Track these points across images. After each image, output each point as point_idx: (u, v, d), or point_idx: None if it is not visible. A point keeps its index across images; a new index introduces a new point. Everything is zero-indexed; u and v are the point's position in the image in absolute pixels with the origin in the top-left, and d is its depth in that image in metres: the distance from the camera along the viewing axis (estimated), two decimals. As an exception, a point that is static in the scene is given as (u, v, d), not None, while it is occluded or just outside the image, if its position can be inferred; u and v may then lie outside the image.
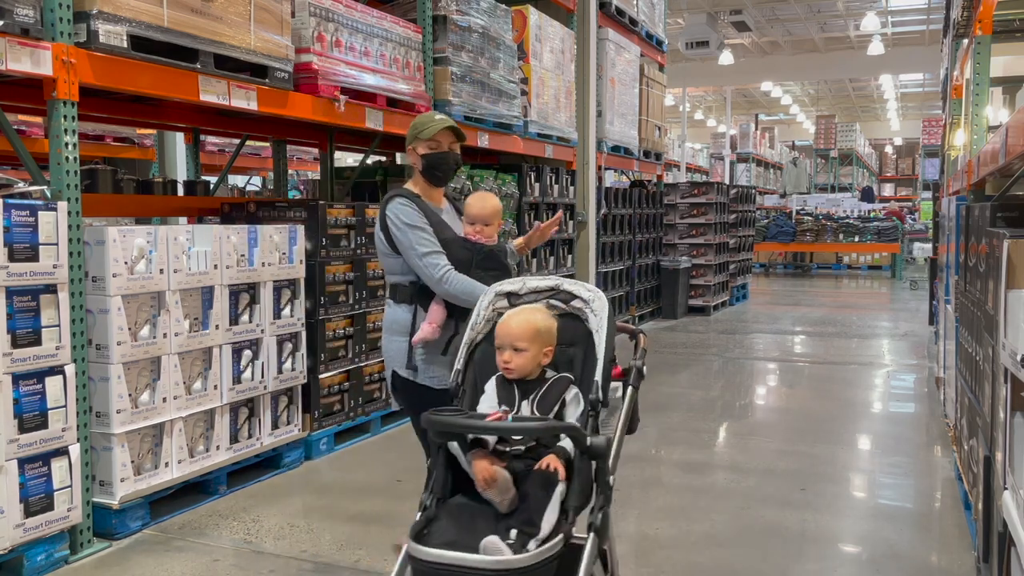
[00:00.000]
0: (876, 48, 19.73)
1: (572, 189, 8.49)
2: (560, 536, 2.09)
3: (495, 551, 2.00)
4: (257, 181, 13.56)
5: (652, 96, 10.90)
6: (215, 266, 4.30)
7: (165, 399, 4.03)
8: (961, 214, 4.28)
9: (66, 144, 3.53)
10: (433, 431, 2.24)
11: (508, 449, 2.28)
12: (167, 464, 4.06)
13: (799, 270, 20.39)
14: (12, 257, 3.31)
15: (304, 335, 4.94)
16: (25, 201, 3.41)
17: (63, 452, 3.52)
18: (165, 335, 4.02)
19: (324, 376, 5.13)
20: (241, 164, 11.18)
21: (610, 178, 12.83)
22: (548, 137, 7.80)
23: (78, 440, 3.59)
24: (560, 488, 2.17)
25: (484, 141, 6.57)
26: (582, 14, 8.60)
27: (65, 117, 3.52)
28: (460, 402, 2.49)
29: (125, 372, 3.82)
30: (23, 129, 7.85)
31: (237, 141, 7.87)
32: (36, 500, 3.42)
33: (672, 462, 5.08)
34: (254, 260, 4.55)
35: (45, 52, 3.41)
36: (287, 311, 4.82)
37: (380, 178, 7.04)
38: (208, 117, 6.07)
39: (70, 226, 3.55)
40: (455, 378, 2.52)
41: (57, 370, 3.48)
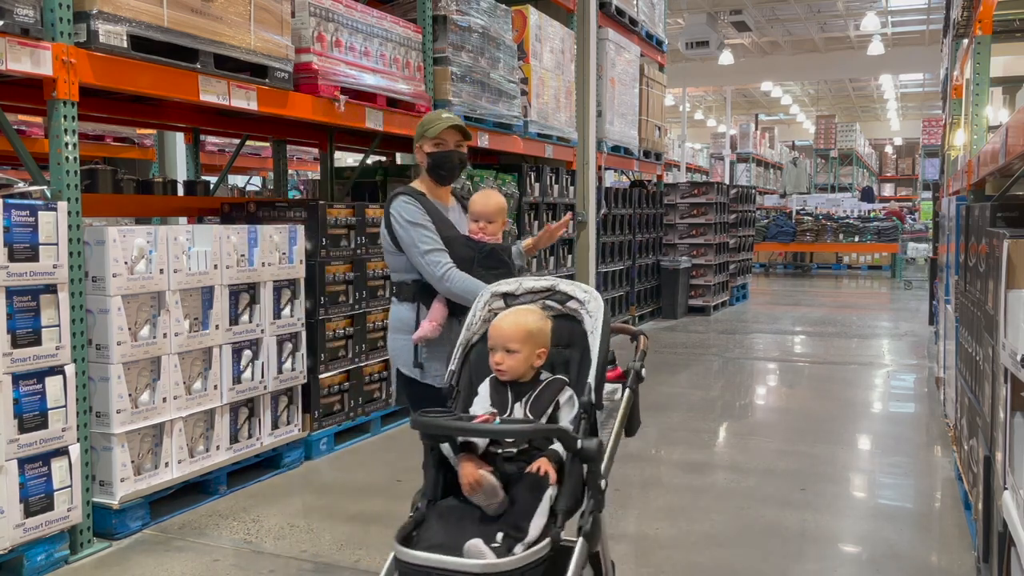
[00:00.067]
0: (876, 48, 19.74)
1: (572, 189, 8.49)
2: (547, 540, 2.06)
3: (477, 554, 1.99)
4: (257, 181, 13.55)
5: (652, 96, 10.89)
6: (215, 266, 4.30)
7: (165, 399, 4.03)
8: (961, 214, 4.28)
9: (66, 144, 3.53)
10: (421, 433, 2.23)
11: (500, 452, 2.26)
12: (167, 464, 4.06)
13: (799, 270, 20.39)
14: (12, 257, 3.31)
15: (304, 335, 4.94)
16: (25, 201, 3.40)
17: (63, 452, 3.52)
18: (165, 335, 4.02)
19: (324, 376, 5.13)
20: (241, 164, 11.18)
21: (610, 178, 12.82)
22: (548, 137, 7.80)
23: (78, 440, 3.59)
24: (550, 492, 2.14)
25: (484, 141, 6.57)
26: (582, 14, 8.59)
27: (65, 117, 3.52)
28: (454, 403, 2.48)
29: (125, 372, 3.82)
30: (23, 129, 7.85)
31: (237, 141, 7.87)
32: (36, 500, 3.42)
33: (672, 462, 5.08)
34: (254, 260, 4.55)
35: (45, 52, 3.41)
36: (287, 311, 4.82)
37: (380, 178, 7.04)
38: (208, 117, 6.07)
39: (70, 226, 3.55)
40: (450, 379, 2.51)
41: (57, 370, 3.48)
